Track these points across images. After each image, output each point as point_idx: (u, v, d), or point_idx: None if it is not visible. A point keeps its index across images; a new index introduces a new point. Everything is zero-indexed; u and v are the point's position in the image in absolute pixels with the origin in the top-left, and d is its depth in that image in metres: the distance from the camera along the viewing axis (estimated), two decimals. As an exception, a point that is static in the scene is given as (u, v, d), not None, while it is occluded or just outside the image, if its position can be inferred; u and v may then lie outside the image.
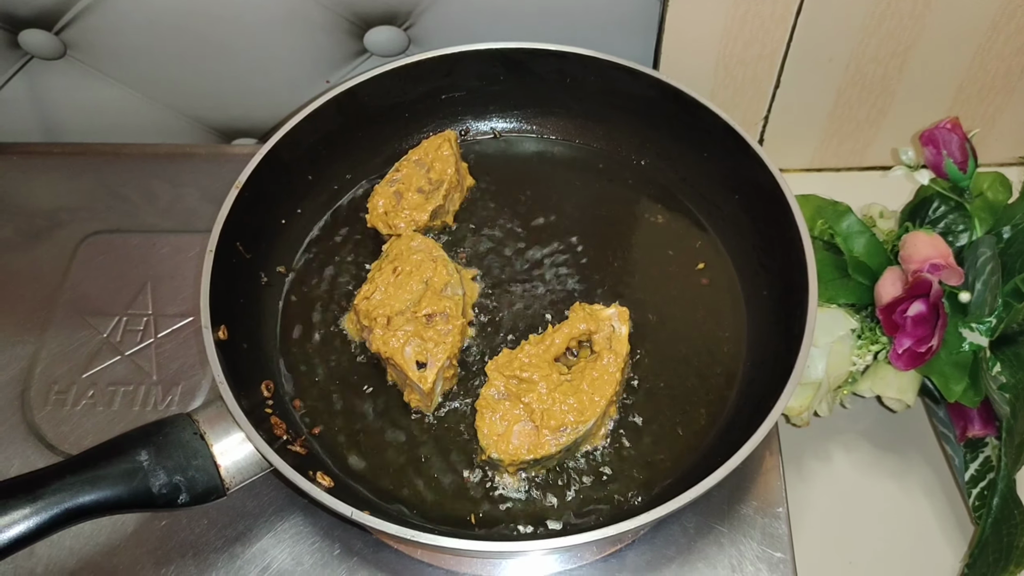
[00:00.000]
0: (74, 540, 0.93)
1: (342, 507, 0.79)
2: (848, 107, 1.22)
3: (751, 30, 1.11)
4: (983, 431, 0.98)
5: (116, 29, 1.18)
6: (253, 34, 1.18)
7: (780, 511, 0.94)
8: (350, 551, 0.93)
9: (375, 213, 1.04)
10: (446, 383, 0.96)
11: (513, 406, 0.89)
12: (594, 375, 0.90)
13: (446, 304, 0.95)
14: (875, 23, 1.10)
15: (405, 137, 1.15)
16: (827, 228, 1.06)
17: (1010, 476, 0.93)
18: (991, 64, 1.16)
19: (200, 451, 0.83)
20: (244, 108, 1.30)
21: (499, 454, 0.87)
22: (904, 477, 1.06)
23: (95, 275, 1.14)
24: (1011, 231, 1.02)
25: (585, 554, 0.93)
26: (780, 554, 0.92)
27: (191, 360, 1.07)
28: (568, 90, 1.12)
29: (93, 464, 0.80)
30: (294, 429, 0.93)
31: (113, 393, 1.04)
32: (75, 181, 1.24)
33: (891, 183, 1.12)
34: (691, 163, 1.10)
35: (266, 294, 1.03)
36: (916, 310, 0.95)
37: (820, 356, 1.00)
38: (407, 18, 1.17)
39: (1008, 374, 0.95)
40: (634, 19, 1.16)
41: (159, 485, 0.81)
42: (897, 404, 1.02)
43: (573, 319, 0.94)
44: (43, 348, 1.08)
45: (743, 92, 1.20)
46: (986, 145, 1.27)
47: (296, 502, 0.95)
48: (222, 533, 0.94)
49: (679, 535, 0.93)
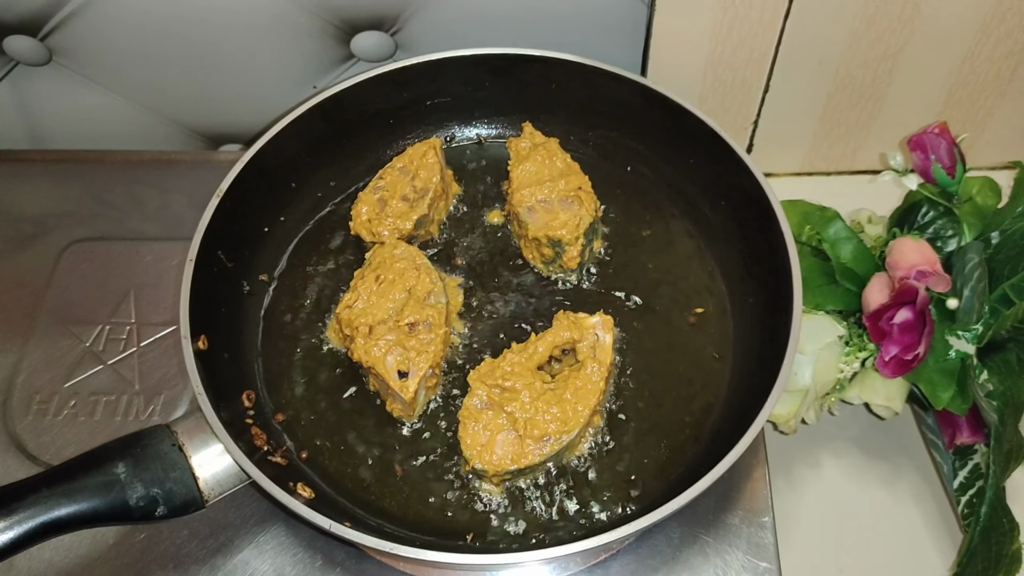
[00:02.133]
0: (54, 552, 0.93)
1: (320, 519, 0.78)
2: (838, 111, 1.22)
3: (739, 34, 1.10)
4: (971, 439, 0.98)
5: (102, 35, 1.17)
6: (239, 39, 1.18)
7: (766, 520, 0.93)
8: (332, 563, 0.92)
9: (359, 220, 1.04)
10: (428, 392, 0.95)
11: (496, 415, 0.88)
12: (578, 384, 0.89)
13: (429, 313, 0.94)
14: (864, 26, 1.10)
15: (390, 144, 1.15)
16: (814, 234, 1.05)
17: (998, 484, 0.92)
18: (981, 68, 1.15)
19: (178, 463, 0.83)
20: (231, 114, 1.29)
21: (483, 464, 0.87)
22: (893, 484, 1.05)
23: (79, 283, 1.13)
24: (1000, 236, 1.01)
25: (569, 565, 0.92)
26: (766, 564, 0.91)
27: (174, 370, 1.06)
28: (554, 96, 1.12)
29: (69, 477, 0.79)
30: (275, 440, 0.92)
31: (95, 403, 1.04)
32: (60, 188, 1.23)
33: (880, 188, 1.12)
34: (677, 169, 1.09)
35: (248, 303, 1.02)
36: (903, 317, 0.94)
37: (807, 363, 1.00)
38: (394, 23, 1.16)
39: (996, 381, 0.95)
40: (621, 24, 1.15)
41: (136, 498, 0.80)
42: (885, 411, 1.01)
43: (557, 327, 0.93)
44: (25, 357, 1.07)
45: (732, 97, 1.19)
46: (976, 149, 1.26)
47: (278, 513, 0.95)
48: (203, 544, 0.93)
49: (664, 545, 0.92)
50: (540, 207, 1.01)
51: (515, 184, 1.04)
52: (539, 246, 1.02)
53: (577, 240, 1.00)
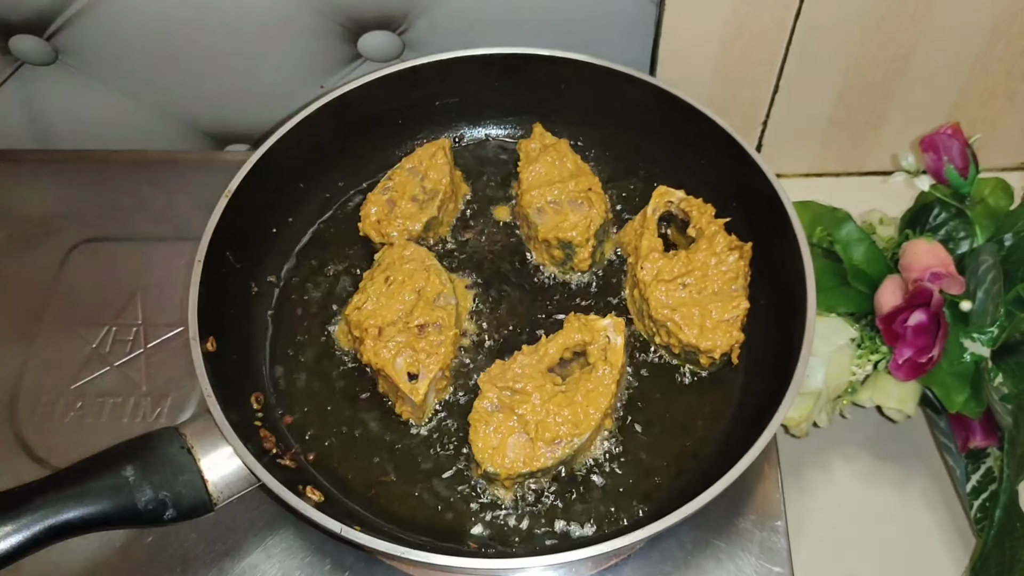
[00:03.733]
0: (61, 555, 0.92)
1: (331, 523, 0.78)
2: (848, 112, 1.21)
3: (751, 34, 1.10)
4: (985, 442, 0.97)
5: (108, 34, 1.17)
6: (246, 39, 1.17)
7: (779, 524, 0.93)
8: (341, 566, 0.92)
9: (368, 221, 1.03)
10: (438, 395, 0.94)
11: (507, 418, 0.87)
12: (589, 387, 0.89)
13: (439, 314, 0.93)
14: (875, 26, 1.09)
15: (399, 144, 1.14)
16: (826, 235, 1.05)
17: (1012, 488, 0.92)
18: (993, 68, 1.15)
19: (187, 466, 0.82)
20: (237, 113, 1.29)
21: (495, 467, 0.86)
22: (905, 488, 1.04)
23: (85, 284, 1.13)
24: (1013, 238, 1.01)
25: (580, 570, 0.91)
26: (779, 568, 0.90)
27: (181, 371, 1.05)
28: (563, 96, 1.11)
29: (77, 479, 0.79)
30: (284, 442, 0.92)
31: (102, 405, 1.03)
32: (66, 188, 1.23)
33: (892, 189, 1.11)
34: (688, 169, 1.08)
35: (256, 304, 1.02)
36: (916, 319, 0.93)
37: (819, 366, 0.99)
38: (401, 23, 1.16)
39: (1011, 384, 0.94)
40: (631, 24, 1.14)
41: (145, 501, 0.79)
42: (897, 414, 1.01)
43: (568, 329, 0.93)
44: (32, 358, 1.07)
45: (742, 97, 1.18)
46: (988, 150, 1.25)
47: (287, 517, 0.94)
48: (211, 548, 0.93)
49: (676, 550, 0.92)
50: (550, 208, 1.01)
51: (524, 185, 1.03)
52: (549, 248, 1.01)
53: (588, 242, 0.99)
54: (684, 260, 0.96)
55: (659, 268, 0.95)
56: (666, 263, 0.96)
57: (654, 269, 0.96)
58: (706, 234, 0.98)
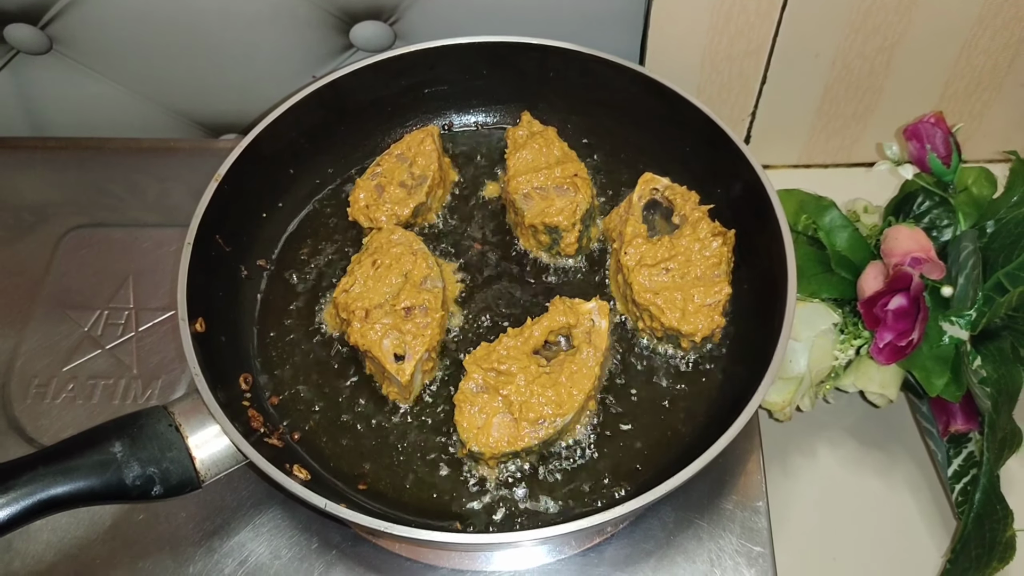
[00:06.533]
0: (51, 533, 0.93)
1: (316, 499, 0.79)
2: (835, 103, 1.22)
3: (737, 25, 1.11)
4: (966, 426, 0.98)
5: (102, 24, 1.18)
6: (239, 29, 1.18)
7: (760, 505, 0.94)
8: (328, 544, 0.92)
9: (356, 206, 1.04)
10: (425, 376, 0.95)
11: (491, 399, 0.88)
12: (573, 369, 0.90)
13: (425, 297, 0.94)
14: (861, 18, 1.10)
15: (388, 131, 1.15)
16: (810, 222, 1.06)
17: (993, 471, 0.92)
18: (978, 60, 1.16)
19: (175, 443, 0.83)
20: (230, 103, 1.30)
21: (479, 447, 0.87)
22: (887, 472, 1.05)
23: (78, 269, 1.14)
24: (995, 225, 1.02)
25: (564, 548, 0.92)
26: (760, 548, 0.91)
27: (171, 354, 1.06)
28: (551, 85, 1.12)
29: (66, 455, 0.80)
30: (271, 422, 0.93)
31: (93, 387, 1.04)
32: (60, 175, 1.24)
33: (878, 178, 1.12)
34: (674, 157, 1.09)
35: (246, 287, 1.03)
36: (897, 304, 0.94)
37: (802, 350, 1.00)
38: (392, 13, 1.17)
39: (990, 369, 0.95)
40: (620, 14, 1.15)
41: (133, 477, 0.80)
42: (880, 399, 1.02)
43: (553, 312, 0.94)
44: (24, 342, 1.08)
45: (730, 88, 1.20)
46: (974, 141, 1.26)
47: (274, 496, 0.95)
48: (200, 527, 0.94)
49: (658, 529, 0.93)
50: (536, 194, 1.02)
51: (511, 171, 1.04)
52: (536, 233, 1.02)
53: (574, 226, 1.00)
54: (667, 245, 0.97)
55: (642, 253, 0.97)
56: (649, 248, 0.97)
57: (637, 254, 0.97)
58: (690, 220, 0.99)
